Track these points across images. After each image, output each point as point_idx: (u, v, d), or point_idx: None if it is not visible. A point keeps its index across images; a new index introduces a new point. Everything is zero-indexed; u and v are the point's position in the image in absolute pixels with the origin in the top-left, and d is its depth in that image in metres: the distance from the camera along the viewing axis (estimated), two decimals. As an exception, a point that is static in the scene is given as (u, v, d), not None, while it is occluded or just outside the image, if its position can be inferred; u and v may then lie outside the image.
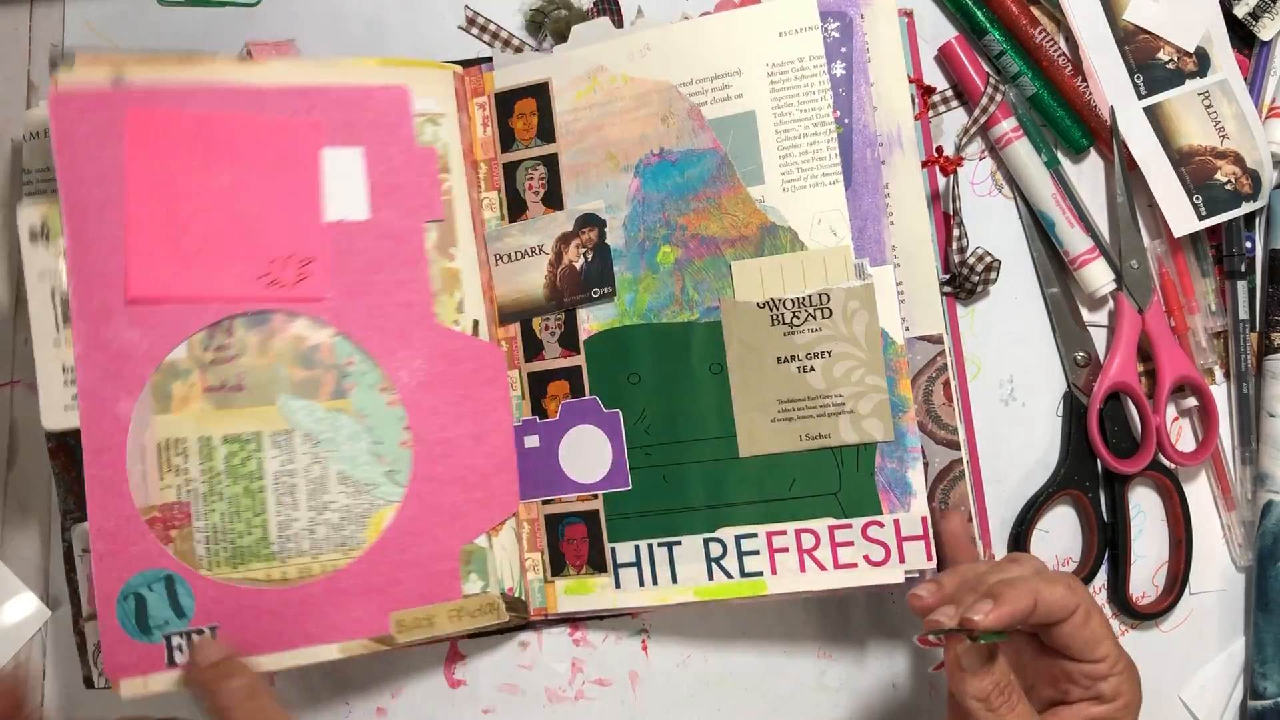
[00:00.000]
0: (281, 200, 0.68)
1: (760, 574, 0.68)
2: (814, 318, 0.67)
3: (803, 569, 0.67)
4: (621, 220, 0.70)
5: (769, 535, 0.68)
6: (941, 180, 0.73)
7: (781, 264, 0.67)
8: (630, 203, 0.70)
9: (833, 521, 0.67)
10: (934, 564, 0.66)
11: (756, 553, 0.68)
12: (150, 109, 0.66)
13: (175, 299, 0.67)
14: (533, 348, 0.72)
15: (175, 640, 0.65)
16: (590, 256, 0.71)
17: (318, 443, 0.68)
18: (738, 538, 0.68)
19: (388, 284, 0.70)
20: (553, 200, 0.72)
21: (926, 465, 0.68)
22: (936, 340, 0.68)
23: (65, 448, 0.69)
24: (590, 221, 0.71)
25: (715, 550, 0.69)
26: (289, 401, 0.68)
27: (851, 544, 0.67)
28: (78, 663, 0.70)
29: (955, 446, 0.68)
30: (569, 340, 0.71)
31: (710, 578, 0.69)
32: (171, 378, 0.67)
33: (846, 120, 0.68)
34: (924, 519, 0.66)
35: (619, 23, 0.75)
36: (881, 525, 0.66)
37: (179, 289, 0.67)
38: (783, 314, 0.67)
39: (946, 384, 0.68)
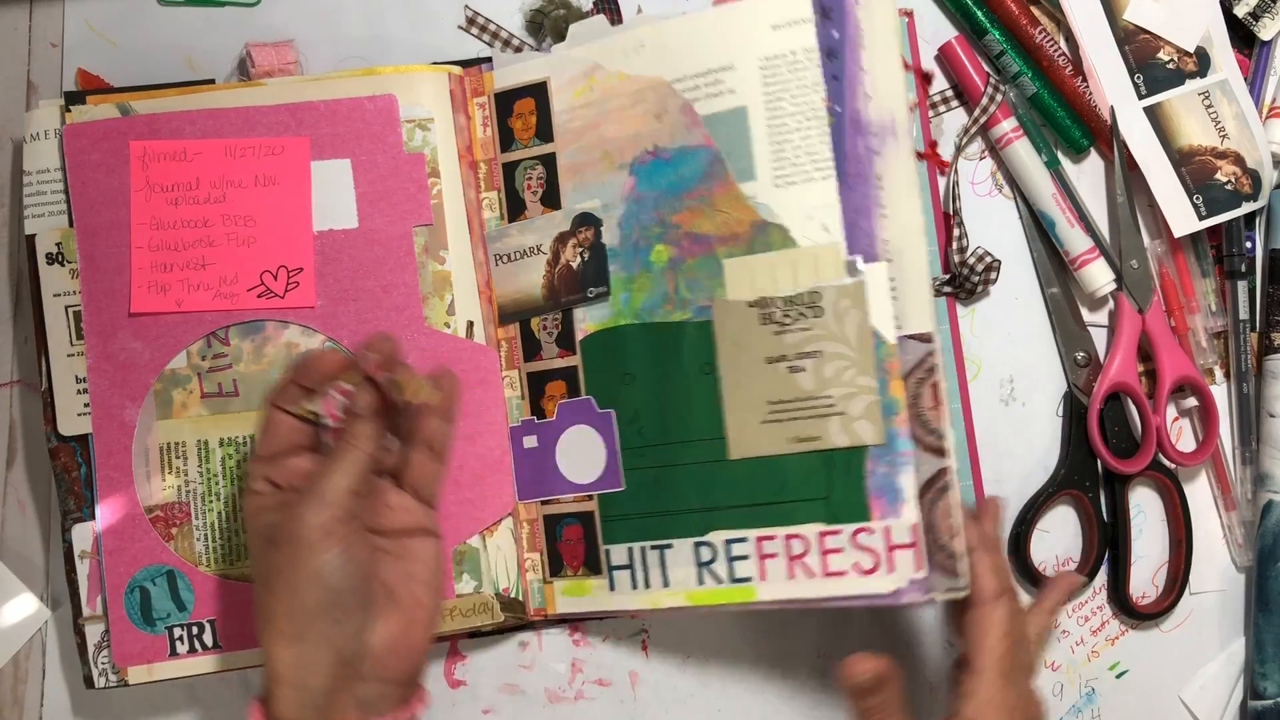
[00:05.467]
0: (273, 214, 0.70)
1: (749, 580, 0.67)
2: (804, 317, 0.66)
3: (791, 575, 0.66)
4: (617, 219, 0.70)
5: (758, 540, 0.66)
6: (941, 180, 0.72)
7: (772, 262, 0.66)
8: (625, 201, 0.70)
9: (822, 527, 0.65)
10: (923, 573, 0.64)
11: (745, 558, 0.67)
12: (150, 141, 0.70)
13: (174, 312, 0.70)
14: (531, 348, 0.72)
15: (177, 632, 0.69)
16: (586, 256, 0.70)
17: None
18: (727, 542, 0.67)
19: (376, 289, 0.70)
20: (551, 200, 0.71)
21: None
22: (927, 339, 0.66)
23: (66, 448, 0.70)
24: (586, 221, 0.70)
25: (705, 554, 0.67)
26: None
27: (841, 551, 0.65)
28: (78, 663, 0.70)
29: (941, 454, 0.65)
30: (566, 340, 0.71)
31: (700, 582, 0.68)
32: (172, 385, 0.70)
33: (839, 109, 0.66)
34: (914, 526, 0.64)
35: (617, 22, 0.75)
36: (871, 532, 0.64)
37: (177, 303, 0.70)
38: (773, 313, 0.66)
39: (935, 386, 0.66)
